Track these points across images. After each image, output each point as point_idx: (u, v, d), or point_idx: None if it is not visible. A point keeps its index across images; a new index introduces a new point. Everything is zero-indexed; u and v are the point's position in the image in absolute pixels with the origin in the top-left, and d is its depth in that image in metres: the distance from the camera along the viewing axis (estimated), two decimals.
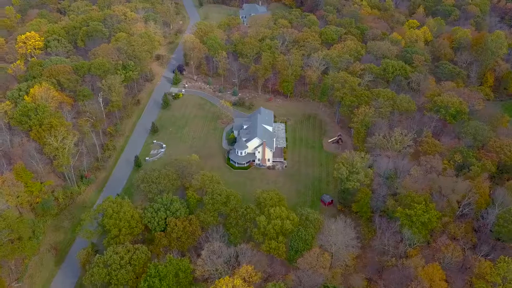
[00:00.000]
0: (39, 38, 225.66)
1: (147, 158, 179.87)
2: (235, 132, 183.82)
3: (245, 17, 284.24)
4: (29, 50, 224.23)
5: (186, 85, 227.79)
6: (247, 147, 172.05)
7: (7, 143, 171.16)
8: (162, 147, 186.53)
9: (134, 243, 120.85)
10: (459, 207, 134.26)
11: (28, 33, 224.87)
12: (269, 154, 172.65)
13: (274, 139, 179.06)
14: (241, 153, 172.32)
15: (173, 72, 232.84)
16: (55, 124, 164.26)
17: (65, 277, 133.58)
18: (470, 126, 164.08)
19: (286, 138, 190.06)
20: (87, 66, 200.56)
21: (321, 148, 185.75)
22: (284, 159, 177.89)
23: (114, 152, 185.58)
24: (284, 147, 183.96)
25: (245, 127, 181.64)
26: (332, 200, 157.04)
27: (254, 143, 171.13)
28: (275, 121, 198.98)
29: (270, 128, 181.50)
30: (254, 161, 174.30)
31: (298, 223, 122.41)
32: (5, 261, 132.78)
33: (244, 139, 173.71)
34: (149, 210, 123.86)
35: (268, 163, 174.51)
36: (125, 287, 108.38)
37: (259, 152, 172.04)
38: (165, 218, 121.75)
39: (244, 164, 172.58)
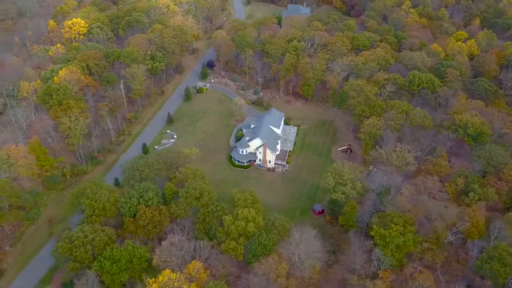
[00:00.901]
0: (83, 25, 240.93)
1: (156, 147, 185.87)
2: (244, 131, 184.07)
3: (285, 17, 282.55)
4: (74, 35, 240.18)
5: (212, 80, 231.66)
6: (248, 146, 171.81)
7: (32, 118, 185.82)
8: (173, 138, 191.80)
9: (106, 225, 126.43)
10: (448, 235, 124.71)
11: (74, 19, 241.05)
12: (270, 156, 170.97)
13: (279, 141, 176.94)
14: (242, 151, 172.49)
15: (203, 66, 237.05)
16: (72, 105, 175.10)
17: (52, 248, 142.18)
18: (484, 149, 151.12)
19: (295, 142, 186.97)
20: (117, 54, 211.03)
21: (328, 156, 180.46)
22: (287, 163, 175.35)
23: (129, 137, 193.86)
24: (290, 151, 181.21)
25: (252, 126, 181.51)
26: (323, 210, 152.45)
27: (255, 143, 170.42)
28: (288, 124, 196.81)
29: (277, 130, 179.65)
30: (255, 161, 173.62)
31: (263, 227, 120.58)
32: (1, 226, 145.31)
33: (247, 138, 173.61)
34: (125, 195, 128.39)
35: (269, 165, 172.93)
36: (82, 265, 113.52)
37: (260, 152, 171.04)
38: (137, 205, 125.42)
39: (244, 163, 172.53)
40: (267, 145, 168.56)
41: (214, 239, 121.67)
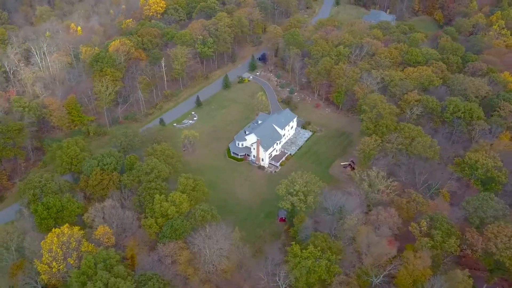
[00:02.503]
0: (162, 5, 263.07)
1: (175, 124, 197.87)
2: (251, 125, 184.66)
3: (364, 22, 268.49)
4: (152, 13, 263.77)
5: (258, 73, 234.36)
6: (245, 140, 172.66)
7: (82, 79, 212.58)
8: (193, 119, 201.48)
9: (72, 179, 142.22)
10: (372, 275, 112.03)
11: None
12: (262, 154, 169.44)
13: (278, 142, 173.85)
14: (238, 144, 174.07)
15: (253, 58, 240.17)
16: (108, 73, 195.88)
17: None
18: (477, 197, 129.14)
19: (301, 146, 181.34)
20: (172, 34, 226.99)
21: (327, 168, 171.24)
22: (280, 165, 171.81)
23: (159, 111, 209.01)
24: (290, 154, 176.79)
25: (259, 122, 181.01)
26: (285, 218, 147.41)
27: (251, 138, 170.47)
28: (305, 128, 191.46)
29: (280, 131, 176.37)
30: (249, 155, 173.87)
31: (184, 214, 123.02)
32: (16, 161, 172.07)
33: (246, 132, 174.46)
34: (91, 156, 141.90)
35: (262, 163, 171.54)
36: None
37: (254, 148, 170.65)
38: (95, 167, 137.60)
39: (238, 155, 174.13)
40: (262, 143, 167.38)
41: (143, 214, 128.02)
